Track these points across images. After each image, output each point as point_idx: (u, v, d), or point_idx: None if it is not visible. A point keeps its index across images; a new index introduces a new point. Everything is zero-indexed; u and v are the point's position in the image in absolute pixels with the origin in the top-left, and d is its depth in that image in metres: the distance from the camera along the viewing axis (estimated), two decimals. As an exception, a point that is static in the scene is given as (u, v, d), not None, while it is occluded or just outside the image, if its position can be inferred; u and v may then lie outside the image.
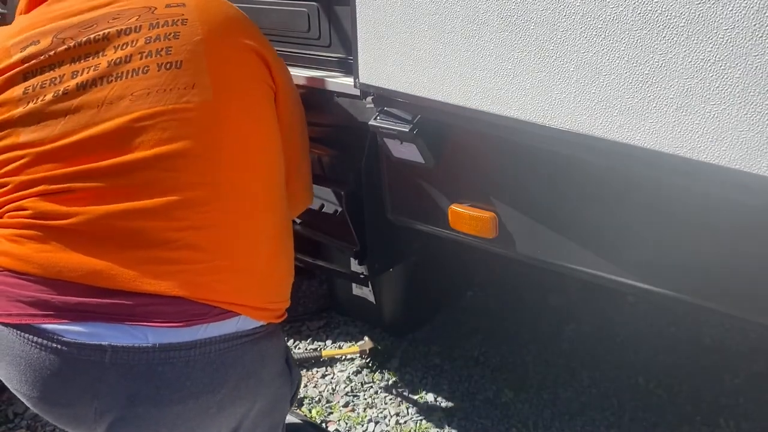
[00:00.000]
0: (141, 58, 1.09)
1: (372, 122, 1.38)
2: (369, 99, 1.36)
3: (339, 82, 1.55)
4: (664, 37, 0.88)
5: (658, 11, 0.87)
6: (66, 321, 1.00)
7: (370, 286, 2.09)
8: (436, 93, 1.18)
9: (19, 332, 1.01)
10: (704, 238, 1.11)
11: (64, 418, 1.08)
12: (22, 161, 1.06)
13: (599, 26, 0.94)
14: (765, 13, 0.79)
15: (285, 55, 1.78)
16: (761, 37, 0.80)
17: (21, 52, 1.11)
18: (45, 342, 1.00)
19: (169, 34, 1.11)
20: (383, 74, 1.27)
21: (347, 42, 1.59)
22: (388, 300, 2.29)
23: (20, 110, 1.07)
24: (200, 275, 1.04)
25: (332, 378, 2.25)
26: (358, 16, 1.26)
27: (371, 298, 2.14)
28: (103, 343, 0.99)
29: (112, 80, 1.07)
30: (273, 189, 1.20)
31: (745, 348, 2.17)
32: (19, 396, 1.08)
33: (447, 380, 2.16)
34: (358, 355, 2.32)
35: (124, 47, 1.10)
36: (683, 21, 0.85)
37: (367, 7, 1.24)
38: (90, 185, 1.03)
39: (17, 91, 1.09)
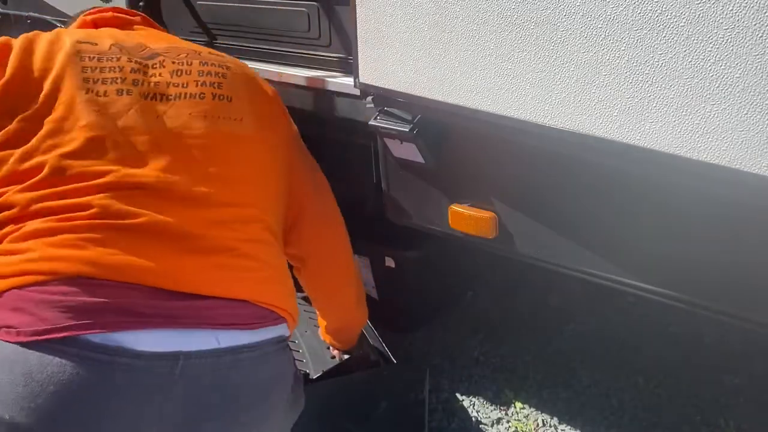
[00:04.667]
0: (197, 86, 1.19)
1: (372, 122, 1.38)
2: (369, 99, 1.36)
3: (339, 82, 1.55)
4: (664, 37, 0.88)
5: (658, 11, 0.87)
6: (132, 329, 0.92)
7: (373, 281, 2.10)
8: (436, 93, 1.18)
9: (63, 348, 0.88)
10: (704, 238, 1.11)
11: None
12: (78, 143, 1.03)
13: (599, 26, 0.94)
14: (765, 13, 0.79)
15: (285, 55, 1.79)
16: (761, 37, 0.80)
17: (77, 43, 1.15)
18: (97, 356, 0.89)
19: (219, 72, 1.23)
20: (383, 74, 1.27)
21: (347, 42, 1.59)
22: (388, 299, 2.29)
23: (82, 96, 1.06)
24: (258, 283, 1.10)
25: (332, 378, 2.25)
26: (358, 16, 1.26)
27: (374, 294, 2.14)
28: (175, 350, 0.95)
29: (171, 99, 1.15)
30: (278, 215, 1.30)
31: (745, 348, 2.17)
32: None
33: (447, 380, 2.16)
34: (358, 355, 2.32)
35: (179, 74, 1.19)
36: (683, 21, 0.86)
37: (367, 7, 1.24)
38: (155, 190, 1.05)
39: (77, 77, 1.08)
